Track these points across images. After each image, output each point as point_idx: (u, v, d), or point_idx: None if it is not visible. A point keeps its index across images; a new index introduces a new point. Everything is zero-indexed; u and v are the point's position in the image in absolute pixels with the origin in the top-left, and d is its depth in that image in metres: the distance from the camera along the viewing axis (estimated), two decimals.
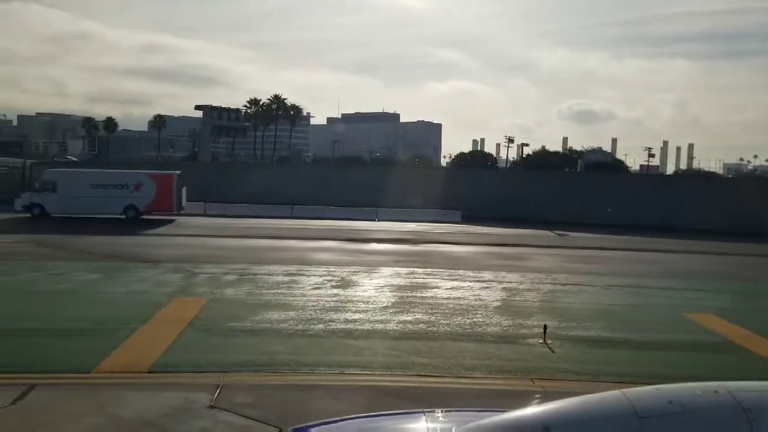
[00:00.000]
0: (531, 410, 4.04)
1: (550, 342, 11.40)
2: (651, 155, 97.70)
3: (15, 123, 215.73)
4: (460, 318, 13.27)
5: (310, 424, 5.05)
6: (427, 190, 41.28)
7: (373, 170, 55.91)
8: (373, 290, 16.20)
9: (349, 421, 5.32)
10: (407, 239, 28.93)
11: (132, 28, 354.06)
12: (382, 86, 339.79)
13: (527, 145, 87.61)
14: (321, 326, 12.24)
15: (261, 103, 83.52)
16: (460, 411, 5.12)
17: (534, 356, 10.69)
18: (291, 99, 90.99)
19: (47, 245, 23.57)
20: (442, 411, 4.71)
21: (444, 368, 9.86)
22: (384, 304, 14.44)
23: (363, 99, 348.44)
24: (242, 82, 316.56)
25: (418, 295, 15.75)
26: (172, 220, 33.54)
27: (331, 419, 5.28)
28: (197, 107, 54.93)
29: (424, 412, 4.64)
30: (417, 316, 13.30)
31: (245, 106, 79.04)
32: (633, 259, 24.97)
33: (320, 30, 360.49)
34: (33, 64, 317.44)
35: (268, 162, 74.56)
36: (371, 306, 14.20)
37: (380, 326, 12.45)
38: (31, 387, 8.43)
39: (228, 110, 57.38)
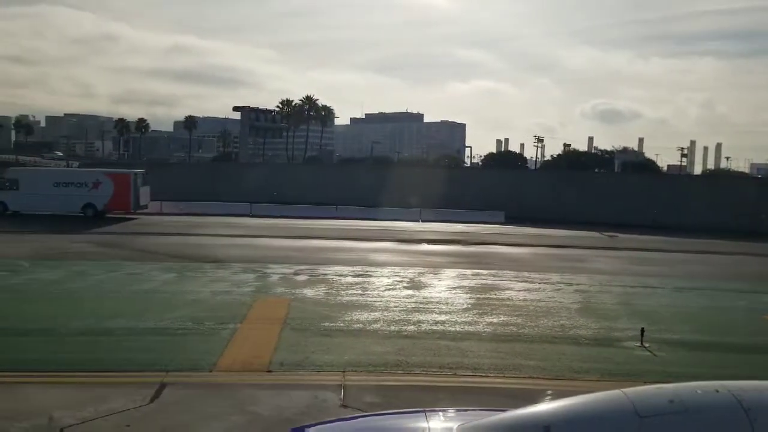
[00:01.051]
0: (532, 409, 4.03)
1: (647, 345, 11.40)
2: (684, 155, 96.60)
3: (43, 124, 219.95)
4: (545, 320, 13.30)
5: (308, 424, 4.97)
6: (463, 191, 41.31)
7: (407, 170, 56.03)
8: (447, 292, 16.29)
9: (348, 420, 5.34)
10: (458, 240, 28.98)
11: (157, 30, 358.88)
12: (405, 86, 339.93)
13: (569, 145, 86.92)
14: (413, 327, 12.36)
15: (293, 104, 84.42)
16: (460, 410, 5.07)
17: (638, 360, 10.72)
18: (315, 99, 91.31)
19: (106, 245, 24.04)
20: (442, 410, 4.72)
21: (554, 371, 9.92)
22: (464, 306, 14.52)
23: (386, 99, 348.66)
24: (266, 82, 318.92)
25: (493, 296, 15.81)
26: (234, 222, 33.97)
27: (330, 419, 5.24)
28: (235, 108, 55.62)
29: (424, 411, 4.62)
30: (502, 318, 13.36)
31: (277, 107, 79.91)
32: (690, 261, 24.77)
33: (342, 30, 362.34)
34: (60, 66, 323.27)
35: (300, 163, 75.17)
36: (452, 308, 14.29)
37: (470, 328, 12.53)
38: (162, 386, 8.66)
39: (265, 111, 58.03)
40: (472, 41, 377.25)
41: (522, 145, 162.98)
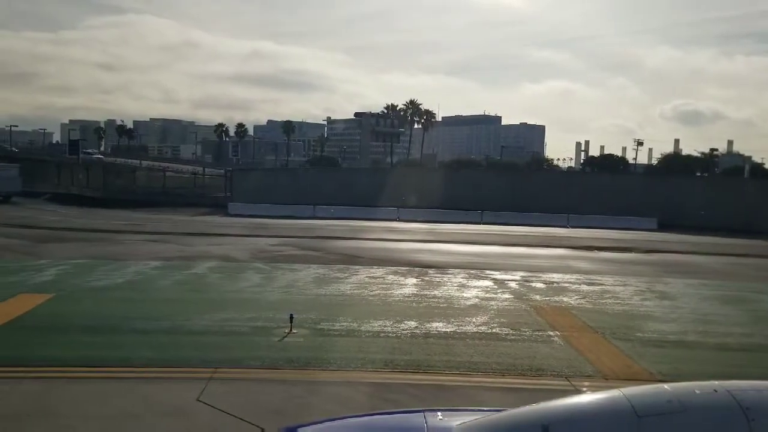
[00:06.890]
0: (530, 409, 4.00)
1: None
2: None
3: (130, 127, 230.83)
4: None
5: (301, 423, 4.85)
6: (606, 196, 40.80)
7: (543, 174, 55.76)
8: (703, 302, 16.17)
9: (347, 419, 5.24)
10: (627, 247, 28.71)
11: (236, 36, 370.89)
12: (478, 88, 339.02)
13: (716, 149, 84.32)
14: (732, 340, 12.26)
15: (398, 108, 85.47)
16: (459, 410, 4.96)
17: None
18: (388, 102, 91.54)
19: (307, 248, 25.01)
20: (441, 410, 4.65)
21: None
22: (750, 318, 14.40)
23: (460, 101, 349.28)
24: (338, 85, 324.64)
25: (755, 308, 15.60)
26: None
27: (329, 418, 5.13)
28: (356, 114, 57.02)
29: (424, 411, 4.55)
30: None
31: (382, 111, 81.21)
32: None
33: (416, 32, 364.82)
34: (144, 72, 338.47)
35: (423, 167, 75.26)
36: (741, 320, 14.18)
37: None
38: (577, 391, 8.99)
39: (384, 117, 59.11)
40: (545, 41, 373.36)
41: (602, 147, 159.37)
